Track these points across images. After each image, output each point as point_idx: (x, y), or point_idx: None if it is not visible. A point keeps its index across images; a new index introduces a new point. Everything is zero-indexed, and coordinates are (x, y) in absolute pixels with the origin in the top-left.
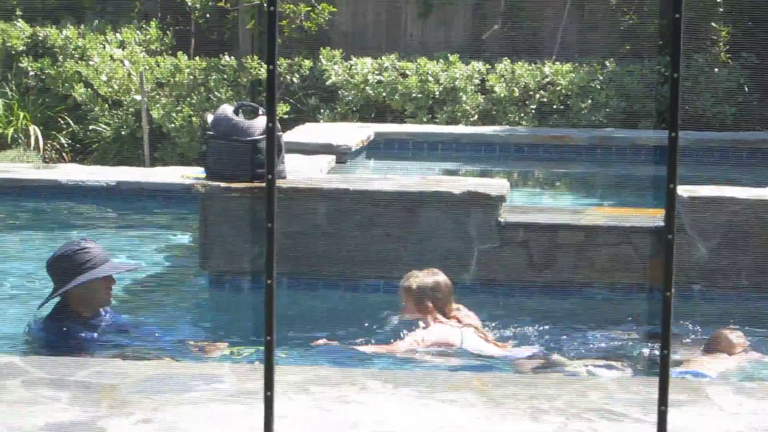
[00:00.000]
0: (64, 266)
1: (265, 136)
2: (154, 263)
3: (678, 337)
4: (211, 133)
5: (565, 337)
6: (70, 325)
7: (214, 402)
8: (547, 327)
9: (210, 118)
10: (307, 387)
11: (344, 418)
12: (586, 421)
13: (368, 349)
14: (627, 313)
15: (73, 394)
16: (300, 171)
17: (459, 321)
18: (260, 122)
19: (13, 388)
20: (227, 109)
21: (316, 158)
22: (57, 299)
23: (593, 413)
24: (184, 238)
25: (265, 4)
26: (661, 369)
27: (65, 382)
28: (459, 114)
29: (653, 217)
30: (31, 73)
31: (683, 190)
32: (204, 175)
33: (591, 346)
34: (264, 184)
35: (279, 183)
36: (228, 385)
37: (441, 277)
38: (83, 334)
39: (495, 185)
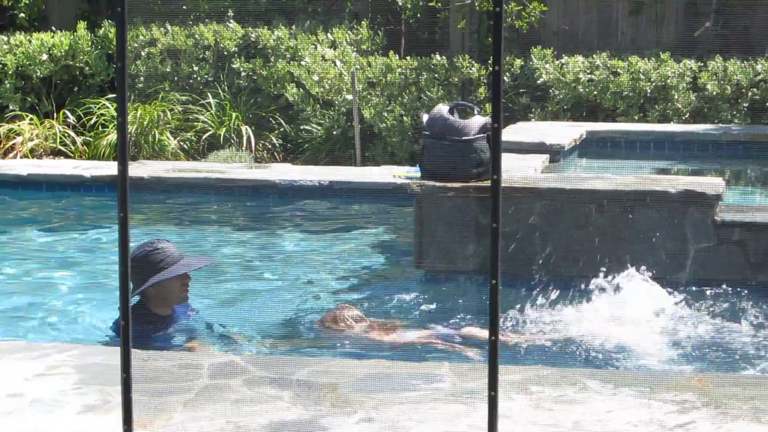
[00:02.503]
0: (141, 267)
1: (480, 135)
2: (368, 261)
3: None
4: (427, 132)
5: None
6: (146, 323)
7: (435, 401)
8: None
9: (425, 117)
10: (528, 386)
11: (565, 418)
12: None
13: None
14: None
15: (294, 393)
16: (515, 170)
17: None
18: (475, 121)
19: (236, 386)
20: (442, 109)
21: (530, 157)
22: (135, 300)
23: None
24: (396, 237)
25: (477, 5)
26: None
27: (287, 381)
28: (670, 112)
29: None
30: (243, 74)
31: None
32: (417, 174)
33: None
34: (481, 184)
35: None
36: (448, 384)
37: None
38: (160, 332)
39: (711, 184)
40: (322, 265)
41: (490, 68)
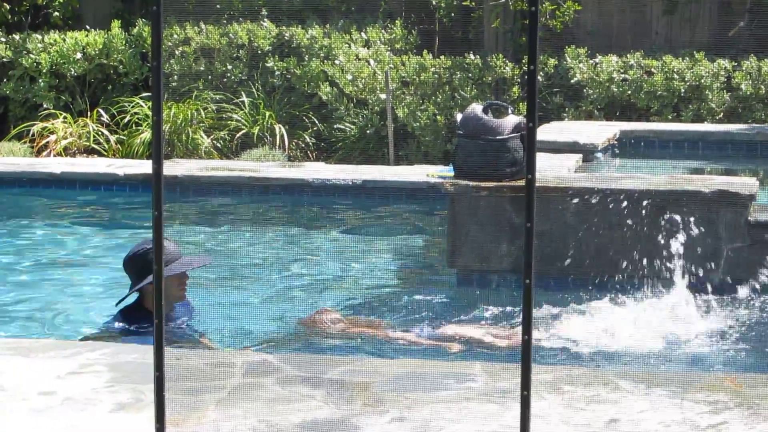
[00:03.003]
0: (139, 264)
1: (514, 134)
2: (401, 260)
3: None
4: (460, 132)
5: None
6: (142, 321)
7: (467, 400)
8: None
9: (459, 117)
10: (560, 386)
11: (597, 418)
12: None
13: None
14: None
15: (327, 392)
16: (549, 169)
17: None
18: (509, 121)
19: (269, 385)
20: (476, 108)
21: (563, 157)
22: (134, 297)
23: None
24: (429, 236)
25: (511, 4)
26: None
27: (319, 380)
28: (704, 112)
29: None
30: (277, 73)
31: None
32: (451, 173)
33: None
34: (514, 183)
35: None
36: (480, 383)
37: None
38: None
39: (745, 184)
40: (354, 263)
41: (524, 67)
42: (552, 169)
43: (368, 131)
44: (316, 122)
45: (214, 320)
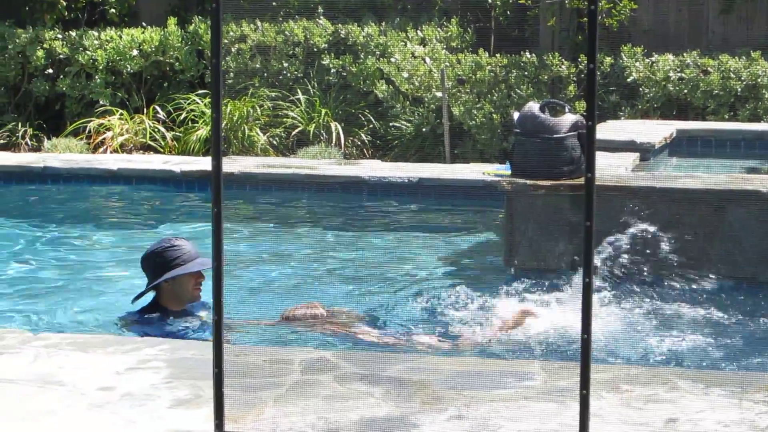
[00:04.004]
0: (156, 262)
1: (571, 133)
2: (457, 258)
3: None
4: (517, 130)
5: None
6: (157, 318)
7: (526, 399)
8: None
9: (516, 115)
10: (618, 385)
11: (656, 417)
12: None
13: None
14: None
15: (385, 389)
16: (606, 168)
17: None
18: (566, 119)
19: (327, 382)
20: (533, 107)
21: (620, 155)
22: (150, 296)
23: None
24: (485, 234)
25: (567, 2)
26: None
27: (377, 377)
28: (761, 111)
29: None
30: (333, 71)
31: None
32: (507, 171)
33: None
34: (571, 182)
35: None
36: (539, 382)
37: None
38: (167, 328)
39: None
40: (409, 262)
41: (581, 66)
42: (609, 168)
43: (424, 129)
44: (372, 120)
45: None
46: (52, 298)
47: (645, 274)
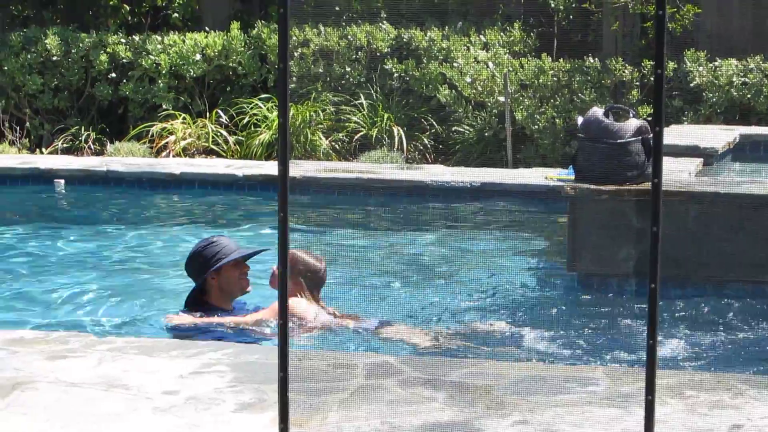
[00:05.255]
0: (199, 262)
1: (636, 138)
2: (520, 263)
3: None
4: (581, 135)
5: None
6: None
7: (590, 404)
8: None
9: (580, 120)
10: (682, 391)
11: (720, 423)
12: None
13: (226, 320)
14: None
15: (448, 394)
16: (669, 173)
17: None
18: (631, 124)
19: (391, 387)
20: (597, 112)
21: (683, 161)
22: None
23: None
24: (548, 239)
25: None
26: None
27: (440, 382)
28: None
29: None
30: (396, 75)
31: None
32: (569, 176)
33: None
34: (635, 187)
35: (648, 185)
36: (603, 387)
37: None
38: (218, 326)
39: None
40: (473, 265)
41: (644, 71)
42: (673, 173)
43: (486, 134)
44: (435, 124)
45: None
46: (114, 301)
47: (709, 279)
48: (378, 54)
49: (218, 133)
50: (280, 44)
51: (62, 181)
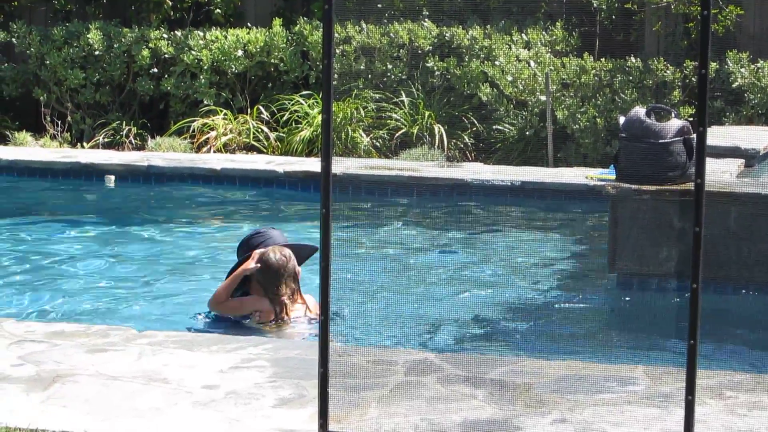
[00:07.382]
0: (244, 249)
1: (677, 138)
2: (561, 262)
3: None
4: (623, 135)
5: None
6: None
7: (629, 404)
8: None
9: (621, 119)
10: (722, 391)
11: (760, 425)
12: None
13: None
14: None
15: (488, 392)
16: (711, 174)
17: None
18: (673, 125)
19: (430, 384)
20: (639, 112)
21: (724, 161)
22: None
23: None
24: (589, 239)
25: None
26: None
27: (480, 380)
28: None
29: None
30: (437, 73)
31: None
32: (611, 176)
33: None
34: (677, 187)
35: (690, 186)
36: (642, 387)
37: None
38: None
39: None
40: (511, 264)
41: (686, 71)
42: (714, 174)
43: (527, 132)
44: (476, 123)
45: (371, 319)
46: (155, 296)
47: (750, 280)
48: (420, 51)
49: (259, 129)
50: (325, 40)
51: (113, 177)
